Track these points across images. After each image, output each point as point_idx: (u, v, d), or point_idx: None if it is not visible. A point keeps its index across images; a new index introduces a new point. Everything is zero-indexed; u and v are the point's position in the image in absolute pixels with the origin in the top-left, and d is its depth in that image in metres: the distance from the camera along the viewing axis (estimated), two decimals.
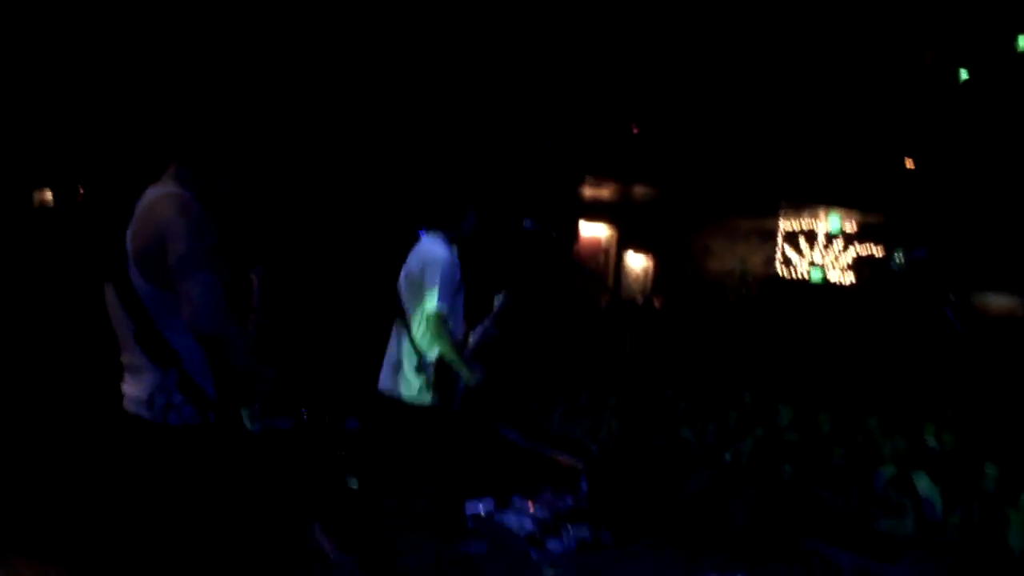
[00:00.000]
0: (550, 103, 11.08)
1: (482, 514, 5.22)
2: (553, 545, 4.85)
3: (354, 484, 5.61)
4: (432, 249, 4.47)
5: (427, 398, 4.42)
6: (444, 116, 10.20)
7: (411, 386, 4.44)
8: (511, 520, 5.21)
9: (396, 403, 4.51)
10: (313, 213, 9.54)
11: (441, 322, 4.32)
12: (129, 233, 2.69)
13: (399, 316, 4.55)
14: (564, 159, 11.79)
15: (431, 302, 4.33)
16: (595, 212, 16.29)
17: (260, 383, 2.76)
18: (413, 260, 4.55)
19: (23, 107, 8.31)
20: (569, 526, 5.07)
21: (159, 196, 2.69)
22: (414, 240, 4.64)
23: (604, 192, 16.16)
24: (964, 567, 4.80)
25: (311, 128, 9.30)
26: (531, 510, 5.35)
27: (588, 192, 15.57)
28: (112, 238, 2.72)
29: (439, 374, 4.40)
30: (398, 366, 4.51)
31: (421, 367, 4.41)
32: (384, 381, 4.62)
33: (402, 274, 4.60)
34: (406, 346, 4.47)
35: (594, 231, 16.91)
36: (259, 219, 5.12)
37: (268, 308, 5.28)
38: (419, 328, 4.43)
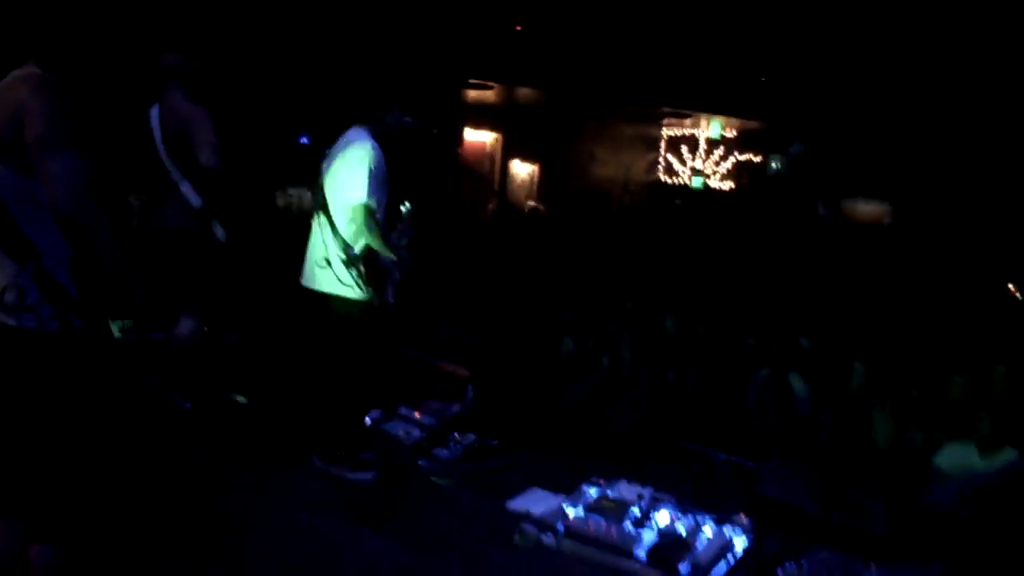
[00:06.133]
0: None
1: (368, 423, 5.17)
2: (440, 453, 4.86)
3: (242, 399, 5.49)
4: (358, 143, 4.36)
5: (361, 292, 4.36)
6: (327, 16, 9.74)
7: (343, 281, 4.35)
8: (398, 428, 5.19)
9: (326, 298, 4.42)
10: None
11: (370, 214, 4.24)
12: None
13: (321, 211, 4.42)
14: (447, 60, 11.48)
15: (359, 194, 4.23)
16: (481, 117, 16.04)
17: (130, 288, 2.60)
18: (336, 154, 4.42)
19: None
20: (456, 433, 5.09)
21: (18, 76, 2.54)
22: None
23: (489, 96, 15.90)
24: (831, 463, 5.07)
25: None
26: (417, 418, 5.34)
27: (473, 96, 15.27)
28: None
29: (369, 268, 4.33)
30: (325, 261, 4.39)
31: (351, 261, 4.32)
32: (309, 277, 4.51)
33: (323, 168, 4.47)
34: (332, 241, 4.36)
35: (480, 137, 16.71)
36: (140, 139, 4.84)
37: (148, 229, 5.01)
38: (345, 222, 4.33)
